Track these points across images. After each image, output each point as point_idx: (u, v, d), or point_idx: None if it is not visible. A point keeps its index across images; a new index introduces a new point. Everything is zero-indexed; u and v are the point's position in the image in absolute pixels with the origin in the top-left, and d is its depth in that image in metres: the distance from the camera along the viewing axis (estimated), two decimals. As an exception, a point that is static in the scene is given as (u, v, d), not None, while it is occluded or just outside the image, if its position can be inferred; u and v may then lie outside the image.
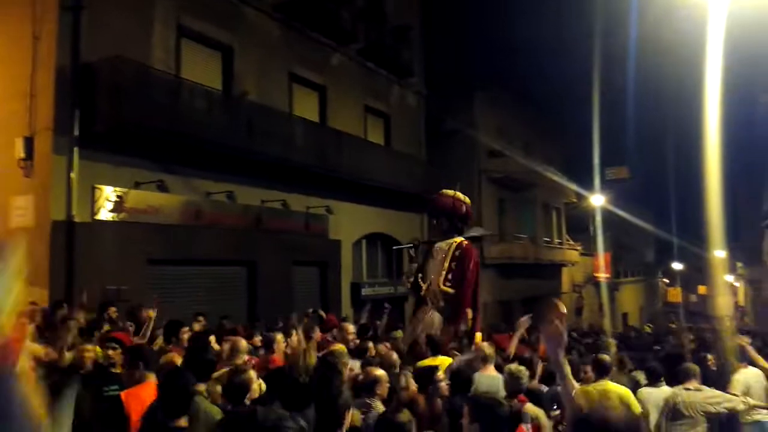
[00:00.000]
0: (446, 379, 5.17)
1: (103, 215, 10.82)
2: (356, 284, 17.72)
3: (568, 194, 32.52)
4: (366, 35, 18.28)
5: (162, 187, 11.80)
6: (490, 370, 5.85)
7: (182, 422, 3.70)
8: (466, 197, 9.71)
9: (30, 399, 1.37)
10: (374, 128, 19.39)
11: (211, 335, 6.97)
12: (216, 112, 12.63)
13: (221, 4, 13.73)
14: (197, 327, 8.32)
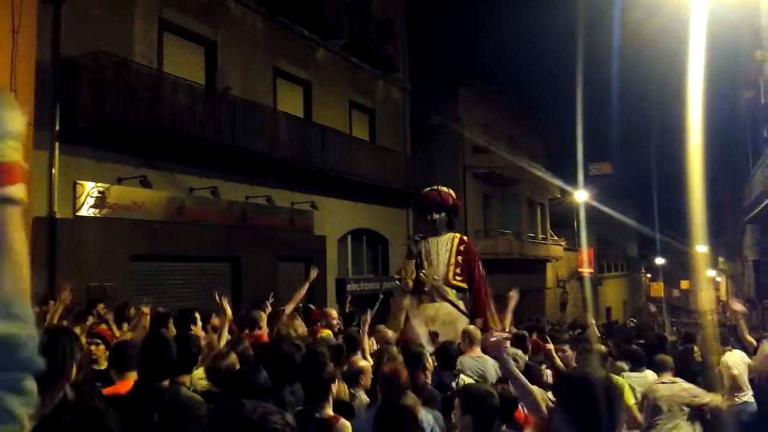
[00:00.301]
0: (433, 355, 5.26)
1: (85, 211, 10.71)
2: (341, 280, 17.68)
3: (552, 190, 32.70)
4: (350, 30, 18.23)
5: (145, 183, 11.69)
6: (476, 351, 5.88)
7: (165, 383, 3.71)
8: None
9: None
10: (359, 123, 19.35)
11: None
12: (199, 107, 12.51)
13: (204, -2, 13.63)
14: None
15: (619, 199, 38.03)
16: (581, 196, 29.72)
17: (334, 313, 8.14)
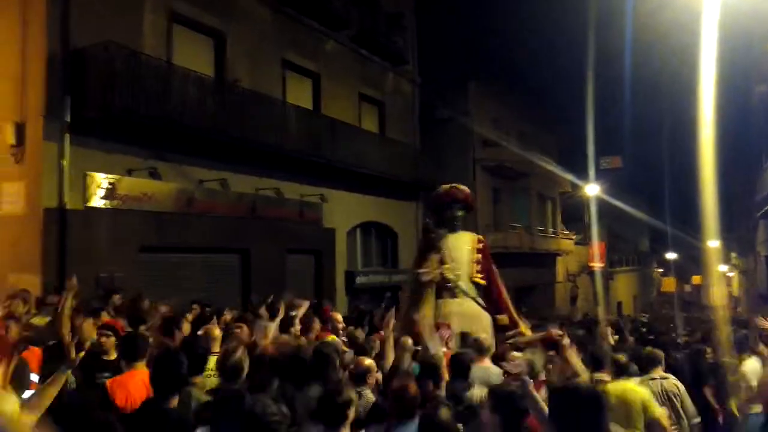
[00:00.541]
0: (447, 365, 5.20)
1: (95, 202, 10.74)
2: (351, 272, 17.67)
3: (563, 184, 32.53)
4: (359, 22, 18.15)
5: (154, 175, 11.72)
6: (486, 362, 5.84)
7: (173, 402, 3.74)
8: None
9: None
10: (368, 116, 19.29)
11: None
12: (208, 99, 12.51)
13: (213, -10, 13.61)
14: (191, 316, 8.21)
15: (630, 194, 37.80)
16: (592, 190, 29.54)
17: (339, 317, 8.15)
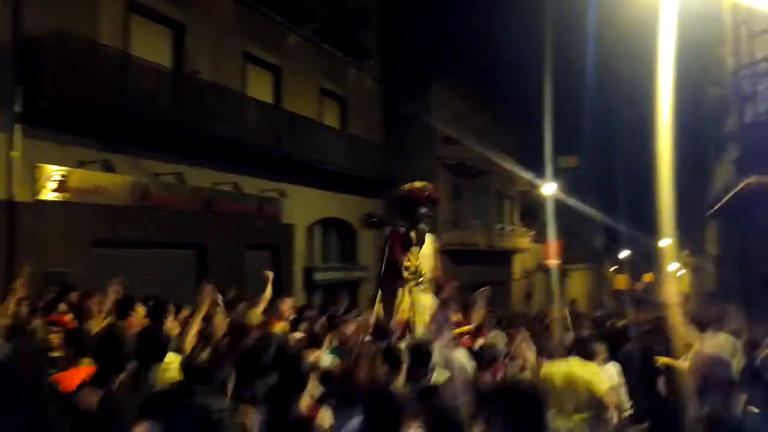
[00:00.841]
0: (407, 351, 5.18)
1: (45, 195, 10.44)
2: (309, 269, 17.61)
3: (522, 182, 32.90)
4: (322, 16, 18.03)
5: (108, 167, 11.47)
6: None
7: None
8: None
9: None
10: (330, 111, 19.21)
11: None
12: (166, 90, 12.30)
13: (173, -20, 13.34)
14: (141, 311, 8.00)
15: (586, 192, 38.42)
16: (549, 188, 29.92)
17: (287, 304, 7.58)
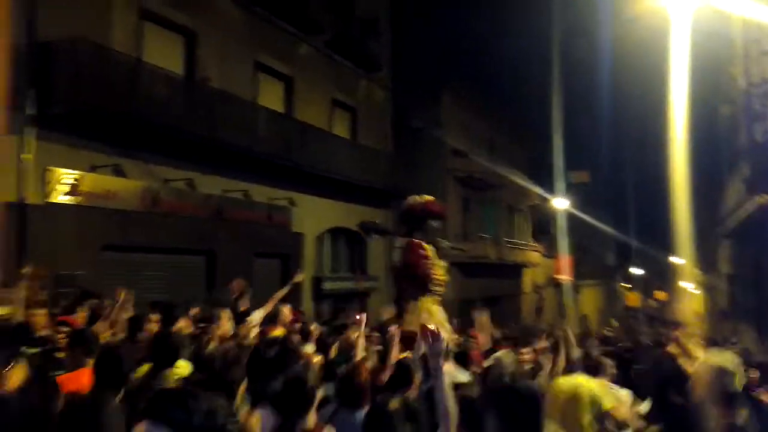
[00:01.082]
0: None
1: (56, 198, 10.51)
2: (318, 278, 17.59)
3: (533, 196, 32.81)
4: (334, 26, 18.15)
5: (119, 172, 11.54)
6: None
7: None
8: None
9: None
10: (341, 121, 19.27)
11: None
12: (177, 97, 12.40)
13: (185, -12, 13.49)
14: (155, 318, 7.95)
15: (598, 207, 38.27)
16: (560, 203, 29.83)
17: (286, 310, 7.22)
